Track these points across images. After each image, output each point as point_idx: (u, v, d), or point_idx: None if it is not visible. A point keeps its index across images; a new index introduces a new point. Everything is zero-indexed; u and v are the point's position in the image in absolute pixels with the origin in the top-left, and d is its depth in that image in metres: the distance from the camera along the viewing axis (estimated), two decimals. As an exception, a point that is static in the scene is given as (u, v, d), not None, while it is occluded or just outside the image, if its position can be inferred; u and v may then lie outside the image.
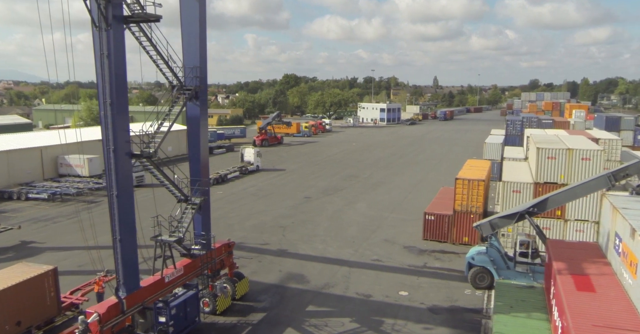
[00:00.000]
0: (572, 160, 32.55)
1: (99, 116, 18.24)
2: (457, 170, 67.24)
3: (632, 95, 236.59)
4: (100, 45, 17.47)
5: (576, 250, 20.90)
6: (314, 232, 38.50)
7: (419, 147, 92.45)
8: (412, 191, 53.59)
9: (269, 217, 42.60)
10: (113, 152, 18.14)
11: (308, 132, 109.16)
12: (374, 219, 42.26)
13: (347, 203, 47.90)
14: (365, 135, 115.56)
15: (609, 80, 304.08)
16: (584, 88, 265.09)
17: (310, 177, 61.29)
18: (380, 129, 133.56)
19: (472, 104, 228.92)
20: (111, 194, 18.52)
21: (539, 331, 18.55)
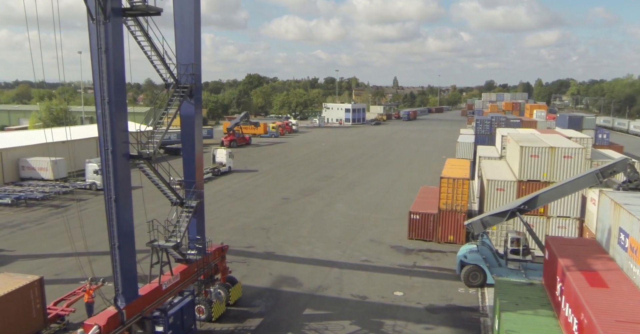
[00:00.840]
0: (555, 158, 33.24)
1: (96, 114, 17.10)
2: (429, 169, 68.57)
3: (583, 96, 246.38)
4: (97, 40, 16.38)
5: (577, 246, 21.18)
6: (298, 234, 37.89)
7: (388, 147, 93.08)
8: (389, 191, 53.71)
9: (250, 219, 41.68)
10: (111, 154, 17.04)
11: (275, 132, 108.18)
12: (356, 220, 42.01)
13: (327, 204, 47.50)
14: (332, 135, 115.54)
15: (561, 82, 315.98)
16: (538, 89, 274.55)
17: (285, 178, 60.56)
18: (347, 129, 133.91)
19: (433, 105, 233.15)
20: (109, 198, 17.43)
21: (548, 327, 18.64)
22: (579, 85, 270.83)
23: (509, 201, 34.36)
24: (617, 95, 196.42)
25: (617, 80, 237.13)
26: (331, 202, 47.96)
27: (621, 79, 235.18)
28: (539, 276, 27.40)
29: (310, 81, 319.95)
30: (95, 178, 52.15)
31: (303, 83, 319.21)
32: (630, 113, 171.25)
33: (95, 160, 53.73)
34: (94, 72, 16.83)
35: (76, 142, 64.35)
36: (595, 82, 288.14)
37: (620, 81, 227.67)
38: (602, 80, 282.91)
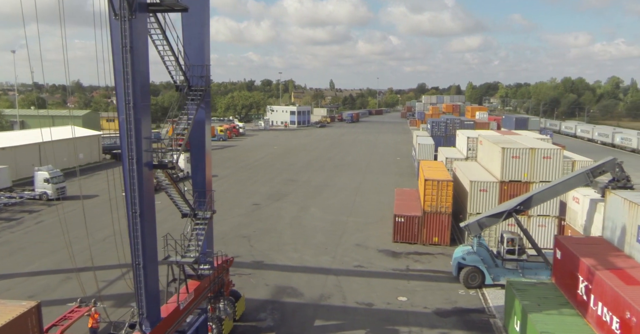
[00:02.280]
0: (535, 159, 34.28)
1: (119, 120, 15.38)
2: (389, 171, 69.33)
3: (511, 98, 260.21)
4: (122, 38, 14.74)
5: (590, 245, 21.73)
6: (282, 241, 36.76)
7: (342, 150, 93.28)
8: (358, 193, 53.58)
9: (226, 228, 39.98)
10: (136, 164, 15.42)
11: (224, 136, 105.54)
12: (335, 224, 41.42)
13: (300, 209, 46.57)
14: (281, 138, 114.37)
15: (488, 85, 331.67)
16: (469, 91, 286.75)
17: (248, 183, 58.93)
18: (294, 131, 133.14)
19: (373, 107, 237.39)
20: (133, 213, 15.75)
21: (578, 327, 18.93)
22: (506, 88, 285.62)
23: (491, 201, 35.13)
24: (543, 97, 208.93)
25: (541, 83, 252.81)
26: (304, 207, 47.08)
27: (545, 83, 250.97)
28: (534, 274, 28.14)
29: (247, 83, 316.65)
30: (46, 187, 48.22)
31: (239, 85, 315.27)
32: (557, 114, 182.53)
33: (45, 168, 49.71)
34: (116, 73, 15.15)
35: (17, 148, 59.40)
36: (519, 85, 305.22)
37: (545, 85, 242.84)
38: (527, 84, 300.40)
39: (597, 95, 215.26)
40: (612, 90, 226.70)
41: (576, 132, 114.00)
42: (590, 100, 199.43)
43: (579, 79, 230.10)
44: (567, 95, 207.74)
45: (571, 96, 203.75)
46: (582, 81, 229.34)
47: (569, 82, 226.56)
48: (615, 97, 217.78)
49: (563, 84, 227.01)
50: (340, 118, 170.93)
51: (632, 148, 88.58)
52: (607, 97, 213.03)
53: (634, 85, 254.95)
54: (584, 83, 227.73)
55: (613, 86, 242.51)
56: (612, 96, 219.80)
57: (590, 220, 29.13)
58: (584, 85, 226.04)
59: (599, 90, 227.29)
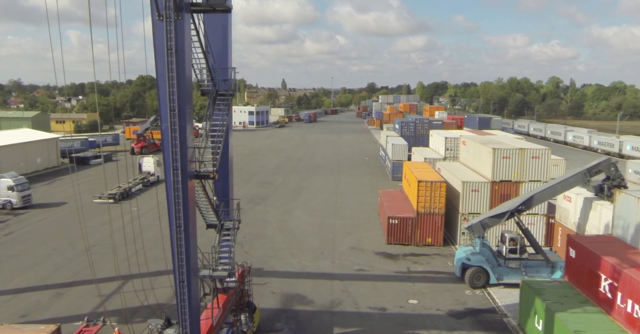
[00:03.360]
0: (524, 159, 35.14)
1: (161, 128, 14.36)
2: (361, 171, 69.48)
3: (460, 97, 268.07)
4: (166, 40, 13.76)
5: (605, 243, 22.38)
6: (276, 246, 35.98)
7: (309, 150, 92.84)
8: (337, 195, 53.37)
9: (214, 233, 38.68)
10: (181, 174, 14.45)
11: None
12: (323, 227, 40.99)
13: (284, 212, 45.83)
14: (244, 139, 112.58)
15: (436, 84, 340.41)
16: (420, 91, 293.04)
17: (224, 186, 57.44)
18: (254, 132, 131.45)
19: (328, 106, 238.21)
20: (178, 227, 14.74)
21: (606, 324, 19.41)
22: (455, 87, 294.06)
23: (483, 201, 35.75)
24: (491, 97, 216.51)
25: (488, 83, 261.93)
26: (287, 210, 46.37)
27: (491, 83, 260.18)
28: (536, 272, 28.79)
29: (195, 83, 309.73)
30: (11, 196, 45.11)
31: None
32: (506, 113, 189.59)
33: (8, 175, 46.53)
34: (159, 78, 14.14)
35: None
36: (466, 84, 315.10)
37: (492, 84, 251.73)
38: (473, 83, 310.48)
39: (540, 94, 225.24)
40: (554, 90, 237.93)
41: (529, 130, 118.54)
42: (536, 99, 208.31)
43: (524, 79, 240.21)
44: (514, 94, 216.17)
45: (518, 95, 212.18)
46: (527, 81, 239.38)
47: (514, 82, 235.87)
48: (557, 97, 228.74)
49: (509, 83, 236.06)
50: (298, 118, 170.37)
51: (584, 146, 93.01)
52: (550, 97, 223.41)
53: (573, 85, 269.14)
54: (528, 83, 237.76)
55: (554, 85, 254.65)
56: (554, 95, 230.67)
57: (585, 218, 30.15)
58: (528, 85, 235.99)
59: (543, 89, 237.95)
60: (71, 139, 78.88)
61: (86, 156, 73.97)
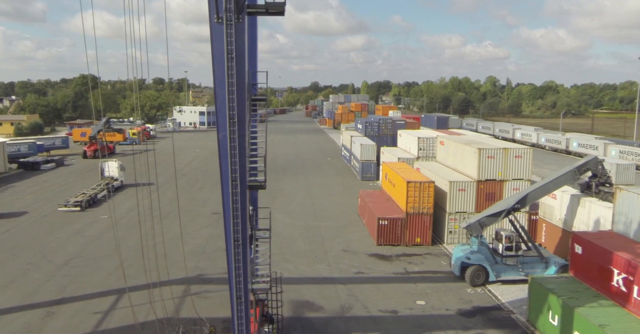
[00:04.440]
0: (508, 158, 36.33)
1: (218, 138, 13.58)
2: (327, 172, 69.42)
3: (404, 96, 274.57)
4: (226, 44, 13.03)
5: (609, 239, 23.41)
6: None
7: (269, 151, 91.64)
8: (312, 197, 53.10)
9: (199, 240, 37.51)
10: (240, 186, 13.75)
11: (137, 139, 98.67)
12: (309, 230, 40.63)
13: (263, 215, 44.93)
14: (198, 140, 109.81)
15: (379, 83, 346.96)
16: (365, 90, 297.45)
17: (194, 191, 55.83)
18: (206, 133, 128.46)
19: (276, 106, 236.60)
20: (236, 241, 14.02)
21: (625, 316, 20.30)
22: (399, 87, 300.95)
23: (469, 200, 36.67)
24: (435, 96, 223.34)
25: (430, 82, 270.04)
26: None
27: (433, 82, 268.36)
28: (531, 268, 29.80)
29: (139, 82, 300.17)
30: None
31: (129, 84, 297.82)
32: (450, 112, 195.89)
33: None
34: (216, 84, 13.37)
35: None
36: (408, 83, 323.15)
37: (434, 84, 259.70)
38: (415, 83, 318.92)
39: (481, 93, 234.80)
40: (493, 89, 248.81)
41: (477, 128, 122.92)
42: (477, 98, 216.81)
43: (465, 79, 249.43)
44: (456, 93, 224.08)
45: (460, 94, 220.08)
46: (467, 80, 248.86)
47: (456, 81, 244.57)
48: (496, 96, 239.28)
49: (451, 83, 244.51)
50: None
51: (532, 143, 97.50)
52: (490, 96, 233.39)
53: (509, 84, 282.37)
54: (469, 82, 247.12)
55: (492, 85, 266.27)
56: (493, 94, 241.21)
57: (572, 214, 31.52)
58: (469, 84, 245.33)
59: (482, 88, 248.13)
60: (18, 144, 73.86)
61: (36, 161, 69.52)
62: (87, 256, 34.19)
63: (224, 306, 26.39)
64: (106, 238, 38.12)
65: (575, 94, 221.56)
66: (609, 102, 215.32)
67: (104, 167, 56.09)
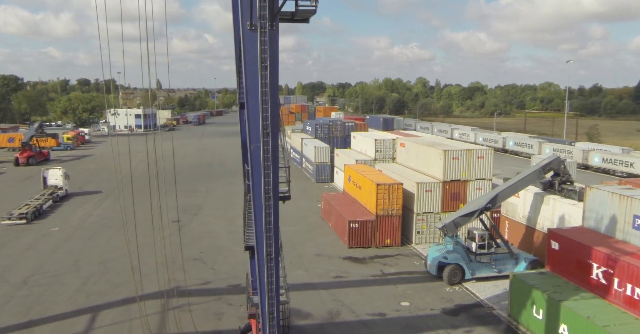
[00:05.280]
0: (471, 159, 37.76)
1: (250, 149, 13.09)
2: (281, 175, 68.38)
3: (339, 97, 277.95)
4: (260, 53, 12.63)
5: (583, 234, 24.89)
6: (239, 259, 34.24)
7: (215, 154, 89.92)
8: (271, 200, 52.51)
9: (169, 250, 35.87)
10: (273, 199, 13.36)
11: (71, 144, 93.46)
12: (277, 235, 40.15)
13: (228, 222, 44.03)
14: (138, 144, 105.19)
15: (312, 84, 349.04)
16: (300, 91, 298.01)
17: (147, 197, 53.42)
18: (145, 136, 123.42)
19: (212, 108, 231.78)
20: (269, 256, 13.57)
21: (606, 307, 21.68)
22: (333, 88, 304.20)
23: (435, 200, 37.75)
24: (370, 97, 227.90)
25: (364, 83, 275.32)
26: (230, 220, 44.60)
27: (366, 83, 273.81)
28: (502, 265, 31.17)
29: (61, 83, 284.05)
30: None
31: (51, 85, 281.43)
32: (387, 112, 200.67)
33: None
34: (248, 94, 12.92)
35: None
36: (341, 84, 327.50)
37: (368, 85, 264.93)
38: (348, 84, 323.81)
39: (413, 94, 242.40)
40: (425, 90, 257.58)
41: (416, 128, 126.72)
42: (411, 99, 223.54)
43: (397, 80, 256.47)
44: (390, 94, 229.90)
45: (394, 95, 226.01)
46: (400, 81, 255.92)
47: (389, 82, 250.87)
48: (427, 96, 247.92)
49: (385, 84, 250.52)
50: (186, 120, 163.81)
51: (470, 142, 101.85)
52: (422, 96, 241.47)
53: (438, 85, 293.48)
54: (402, 83, 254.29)
55: (422, 85, 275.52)
56: (425, 95, 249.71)
57: (536, 212, 33.24)
58: (402, 85, 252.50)
59: (414, 89, 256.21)
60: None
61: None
62: (47, 272, 31.88)
63: (209, 319, 25.74)
64: (63, 252, 35.76)
65: (501, 95, 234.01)
66: (531, 102, 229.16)
67: (46, 175, 52.54)
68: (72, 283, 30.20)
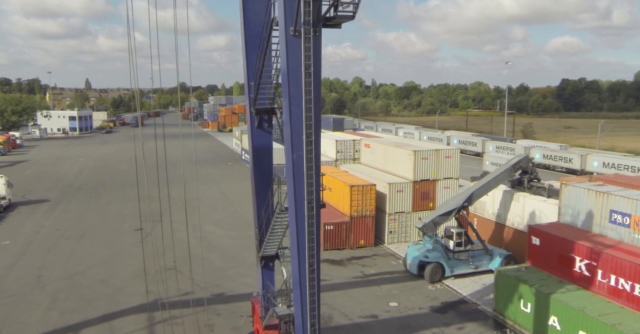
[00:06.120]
0: (439, 159, 38.81)
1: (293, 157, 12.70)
2: (234, 178, 67.45)
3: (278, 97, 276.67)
4: (304, 59, 12.33)
5: (564, 229, 26.23)
6: (216, 267, 33.62)
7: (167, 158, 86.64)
8: (233, 204, 51.61)
9: (136, 261, 34.26)
10: (316, 209, 13.07)
11: (2, 149, 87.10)
12: (246, 239, 39.24)
13: (194, 227, 42.61)
14: (74, 148, 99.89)
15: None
16: (237, 91, 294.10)
17: (101, 205, 50.86)
18: (81, 139, 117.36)
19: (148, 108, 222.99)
20: (311, 267, 13.26)
21: (592, 298, 22.91)
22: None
23: (406, 200, 38.49)
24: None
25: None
26: (195, 225, 43.23)
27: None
28: (479, 261, 32.28)
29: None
30: None
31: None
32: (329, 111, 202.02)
33: None
34: (292, 102, 12.57)
35: None
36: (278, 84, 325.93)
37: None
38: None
39: (352, 93, 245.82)
40: (362, 89, 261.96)
41: (360, 127, 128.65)
42: (350, 99, 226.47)
43: (335, 79, 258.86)
44: (329, 94, 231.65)
45: (334, 95, 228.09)
46: (338, 81, 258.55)
47: (328, 82, 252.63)
48: (365, 96, 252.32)
49: (323, 84, 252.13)
50: (123, 122, 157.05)
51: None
52: (360, 96, 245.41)
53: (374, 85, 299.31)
54: (340, 83, 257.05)
55: (359, 85, 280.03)
56: (362, 94, 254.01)
57: (506, 208, 34.67)
58: (340, 85, 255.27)
59: (352, 89, 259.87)
60: None
61: None
62: (9, 291, 29.50)
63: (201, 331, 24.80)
64: (22, 268, 33.28)
65: (436, 94, 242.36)
66: (463, 101, 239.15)
67: (-13, 184, 48.64)
68: (41, 301, 28.13)
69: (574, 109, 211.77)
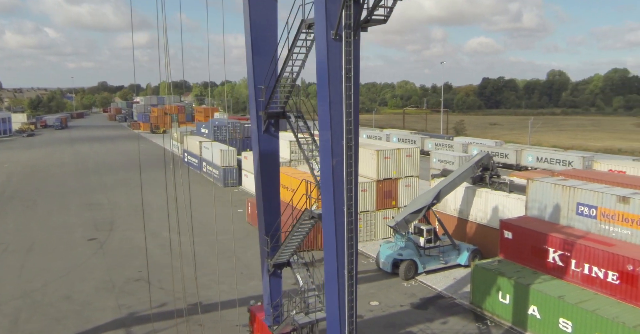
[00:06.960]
0: (400, 158, 39.71)
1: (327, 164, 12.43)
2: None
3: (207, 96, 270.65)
4: (344, 63, 12.16)
5: (534, 222, 27.69)
6: (188, 276, 32.14)
7: (96, 162, 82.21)
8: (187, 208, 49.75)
9: (98, 273, 32.41)
10: (355, 215, 12.93)
11: None
12: (213, 245, 38.22)
13: (152, 235, 40.80)
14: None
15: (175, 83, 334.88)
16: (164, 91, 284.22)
17: (42, 214, 47.36)
18: (1, 143, 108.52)
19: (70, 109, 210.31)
20: (350, 273, 13.10)
21: (567, 286, 24.41)
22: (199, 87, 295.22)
23: (370, 199, 39.06)
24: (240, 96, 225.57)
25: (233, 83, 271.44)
26: (154, 233, 41.44)
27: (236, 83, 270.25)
28: (448, 257, 33.40)
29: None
30: None
31: None
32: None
33: None
34: (332, 106, 12.34)
35: None
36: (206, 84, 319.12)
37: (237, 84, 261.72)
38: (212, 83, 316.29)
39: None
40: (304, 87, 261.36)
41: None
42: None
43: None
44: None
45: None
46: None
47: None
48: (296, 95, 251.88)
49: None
50: (45, 124, 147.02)
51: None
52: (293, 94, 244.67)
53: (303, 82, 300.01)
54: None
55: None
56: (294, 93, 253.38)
57: (468, 204, 36.08)
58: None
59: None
60: None
61: None
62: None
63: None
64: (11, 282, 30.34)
65: (366, 93, 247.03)
66: (392, 99, 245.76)
67: None
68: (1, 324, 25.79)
69: (494, 106, 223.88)
